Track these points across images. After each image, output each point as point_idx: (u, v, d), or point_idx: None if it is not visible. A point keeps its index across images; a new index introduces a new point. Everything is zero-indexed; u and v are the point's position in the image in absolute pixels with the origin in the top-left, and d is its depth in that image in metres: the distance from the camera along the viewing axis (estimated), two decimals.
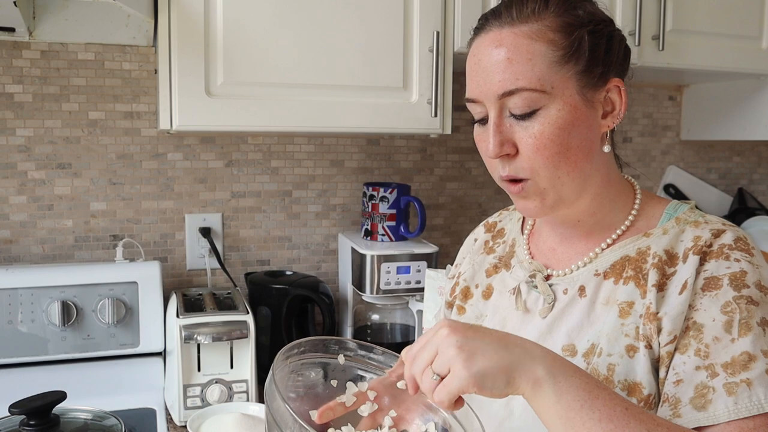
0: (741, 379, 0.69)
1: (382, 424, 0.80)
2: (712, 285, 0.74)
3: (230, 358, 1.29)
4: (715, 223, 0.80)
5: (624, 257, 0.82)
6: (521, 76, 0.75)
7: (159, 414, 1.30)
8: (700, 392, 0.70)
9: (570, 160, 0.77)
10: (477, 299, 0.96)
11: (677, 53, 1.52)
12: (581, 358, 0.79)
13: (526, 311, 0.87)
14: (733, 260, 0.75)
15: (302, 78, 1.29)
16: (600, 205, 0.84)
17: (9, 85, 1.45)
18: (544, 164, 0.77)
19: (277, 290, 1.49)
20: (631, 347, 0.76)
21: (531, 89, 0.75)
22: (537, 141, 0.76)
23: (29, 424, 1.04)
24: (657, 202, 0.86)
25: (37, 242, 1.51)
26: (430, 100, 1.35)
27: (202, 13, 1.22)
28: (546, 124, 0.76)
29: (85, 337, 1.36)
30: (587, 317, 0.81)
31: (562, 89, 0.76)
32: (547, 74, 0.75)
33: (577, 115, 0.77)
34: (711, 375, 0.70)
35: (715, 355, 0.71)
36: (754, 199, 2.10)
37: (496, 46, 0.77)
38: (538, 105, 0.76)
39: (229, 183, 1.63)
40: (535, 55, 0.75)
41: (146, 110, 1.54)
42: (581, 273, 0.84)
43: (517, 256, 0.93)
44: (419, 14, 1.34)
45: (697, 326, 0.73)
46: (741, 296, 0.73)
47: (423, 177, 1.79)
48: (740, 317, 0.71)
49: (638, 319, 0.77)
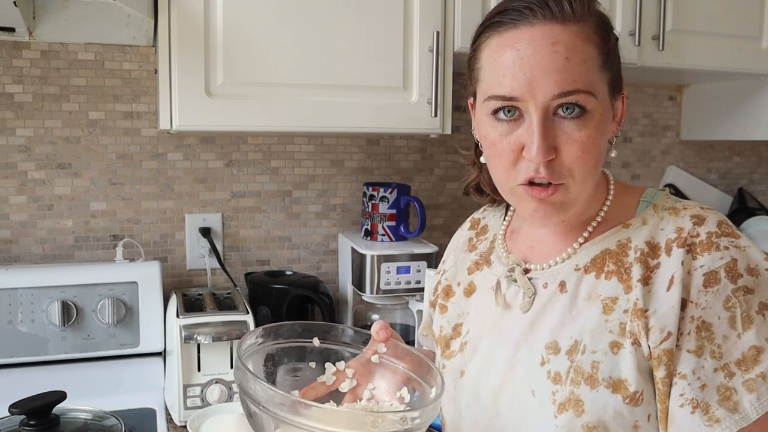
0: (756, 374, 0.70)
1: (362, 397, 0.83)
2: (712, 280, 0.73)
3: (230, 358, 1.29)
4: (693, 208, 0.79)
5: (604, 251, 0.81)
6: (578, 77, 0.72)
7: (159, 414, 1.30)
8: (724, 395, 0.71)
9: (598, 165, 0.77)
10: (459, 297, 0.95)
11: (677, 53, 1.52)
12: (565, 356, 0.78)
13: (507, 306, 0.86)
14: (723, 248, 0.74)
15: (302, 78, 1.29)
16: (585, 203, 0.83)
17: (9, 85, 1.45)
18: (584, 169, 0.74)
19: (277, 290, 1.49)
20: (615, 344, 0.75)
21: (586, 92, 0.73)
22: (583, 145, 0.73)
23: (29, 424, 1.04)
24: (632, 192, 0.85)
25: (37, 242, 1.51)
26: (430, 100, 1.35)
27: (202, 13, 1.22)
28: (593, 128, 0.74)
29: (85, 337, 1.36)
30: (569, 313, 0.80)
31: (603, 95, 0.75)
32: (594, 78, 0.74)
33: (607, 121, 0.77)
34: (728, 375, 0.71)
35: (727, 354, 0.71)
36: (754, 199, 2.10)
37: (552, 43, 0.72)
38: (590, 107, 0.73)
39: (229, 183, 1.63)
40: (588, 57, 0.73)
41: (146, 110, 1.54)
42: (561, 268, 0.83)
43: (495, 251, 0.93)
44: (419, 14, 1.34)
45: (706, 326, 0.72)
46: (738, 287, 0.72)
47: (423, 177, 1.79)
48: (741, 311, 0.72)
49: (623, 315, 0.76)
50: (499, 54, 0.75)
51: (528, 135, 0.74)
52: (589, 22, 0.74)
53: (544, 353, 0.80)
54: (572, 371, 0.77)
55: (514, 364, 0.83)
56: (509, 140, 0.76)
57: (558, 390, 0.77)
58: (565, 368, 0.78)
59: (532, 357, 0.81)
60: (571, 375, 0.77)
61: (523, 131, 0.75)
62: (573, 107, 0.73)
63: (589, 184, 0.77)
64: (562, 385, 0.77)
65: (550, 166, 0.74)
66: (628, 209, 0.83)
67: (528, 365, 0.81)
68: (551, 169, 0.74)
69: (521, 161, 0.75)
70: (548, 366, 0.79)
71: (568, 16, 0.73)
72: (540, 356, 0.80)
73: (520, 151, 0.75)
